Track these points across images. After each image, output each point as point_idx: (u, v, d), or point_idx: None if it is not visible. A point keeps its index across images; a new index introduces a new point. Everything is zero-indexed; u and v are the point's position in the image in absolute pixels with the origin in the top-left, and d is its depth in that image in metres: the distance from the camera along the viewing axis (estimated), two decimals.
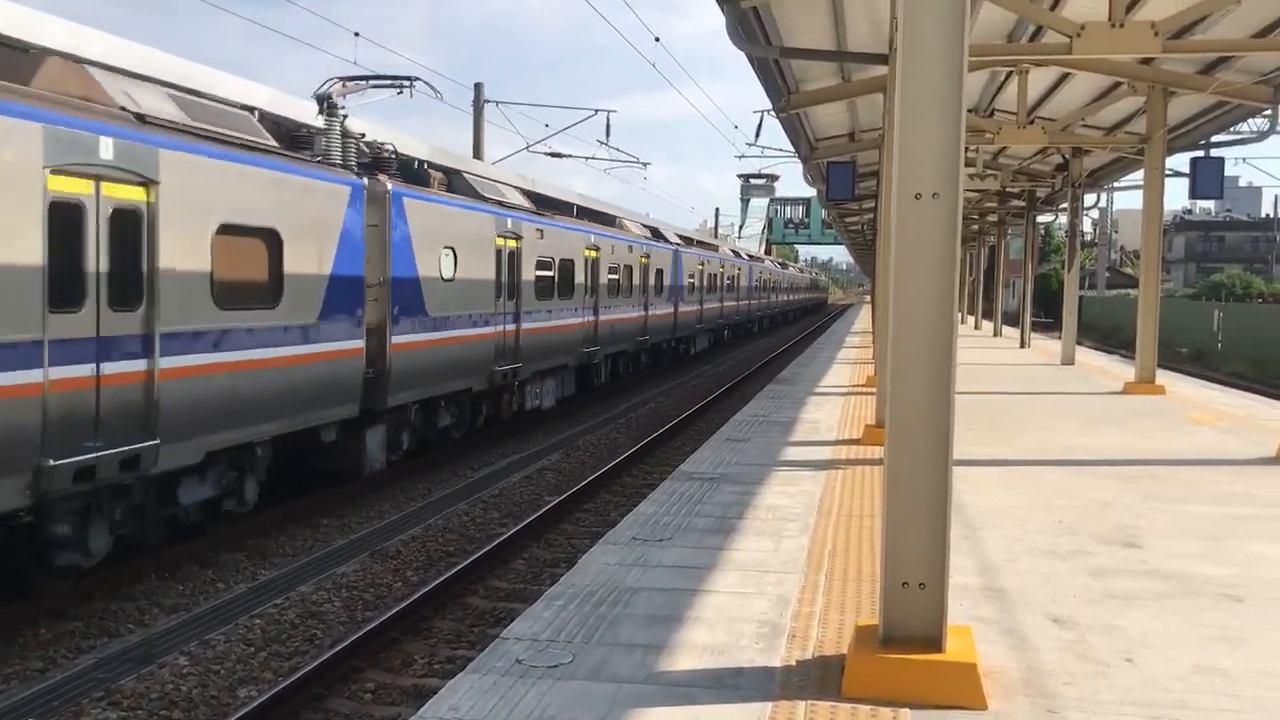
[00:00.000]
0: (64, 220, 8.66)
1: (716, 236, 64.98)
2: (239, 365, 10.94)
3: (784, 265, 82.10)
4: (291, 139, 13.47)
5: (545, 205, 22.38)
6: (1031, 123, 17.33)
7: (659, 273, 29.65)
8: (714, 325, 39.37)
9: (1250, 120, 19.22)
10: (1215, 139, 18.82)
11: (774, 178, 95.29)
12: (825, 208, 46.76)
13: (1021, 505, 8.37)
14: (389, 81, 16.01)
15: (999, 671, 4.77)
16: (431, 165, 17.15)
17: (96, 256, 9.02)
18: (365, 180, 13.61)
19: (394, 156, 15.26)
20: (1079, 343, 25.05)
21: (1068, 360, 23.19)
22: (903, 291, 4.57)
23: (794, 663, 4.84)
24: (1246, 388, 23.96)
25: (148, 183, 9.55)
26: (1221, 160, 16.75)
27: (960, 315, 43.83)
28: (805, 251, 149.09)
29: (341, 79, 15.27)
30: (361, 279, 13.34)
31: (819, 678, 4.66)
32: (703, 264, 36.43)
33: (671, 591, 5.89)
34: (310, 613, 9.35)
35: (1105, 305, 60.90)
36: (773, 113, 17.00)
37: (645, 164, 37.26)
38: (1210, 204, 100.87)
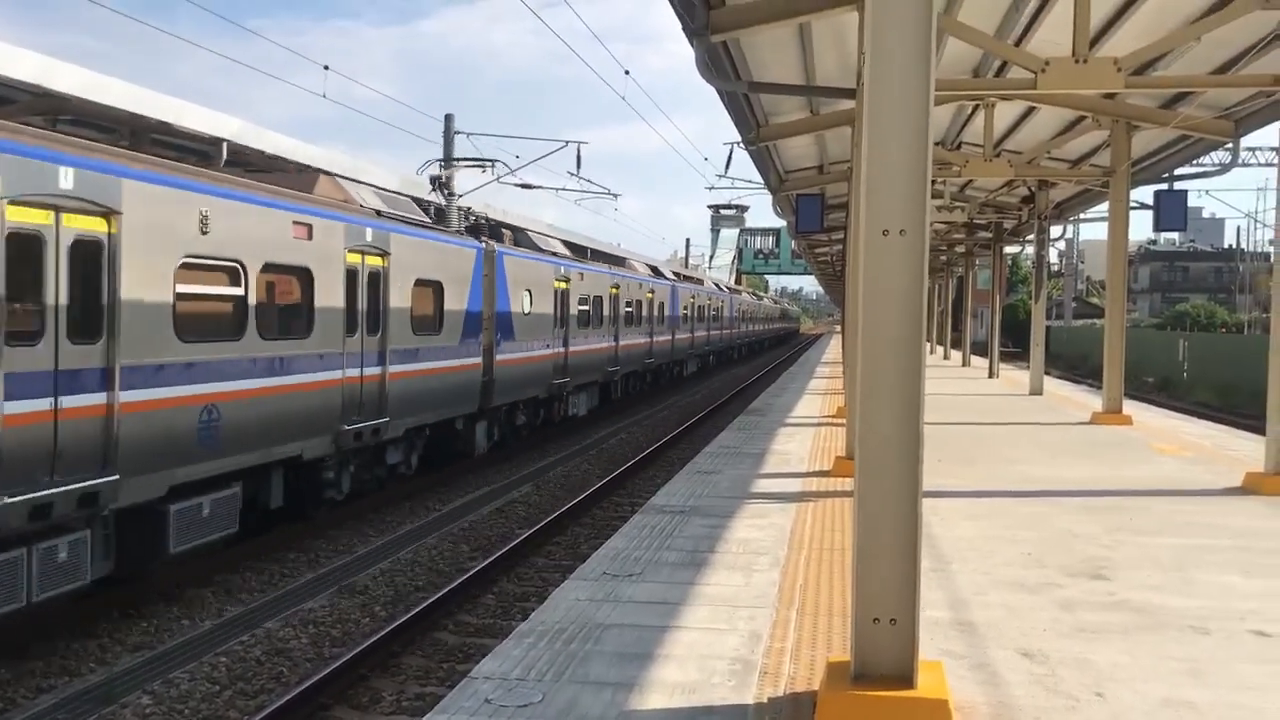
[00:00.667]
0: (352, 279, 13.39)
1: (687, 266, 65.54)
2: (425, 373, 15.58)
3: (759, 297, 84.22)
4: (436, 214, 18.99)
5: (574, 250, 27.23)
6: (998, 155, 17.54)
7: (660, 305, 34.00)
8: (702, 351, 43.88)
9: (1212, 153, 19.57)
10: (1178, 172, 19.12)
11: (744, 208, 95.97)
12: (795, 239, 47.09)
13: (990, 537, 8.40)
14: (474, 162, 22.26)
15: (970, 706, 4.76)
16: (504, 225, 22.31)
17: (359, 302, 13.58)
18: (483, 244, 18.58)
19: (485, 222, 20.88)
20: (1046, 372, 25.26)
21: (1036, 390, 23.36)
22: (871, 325, 4.59)
23: (766, 700, 4.82)
24: (1212, 417, 24.20)
25: (384, 254, 14.22)
26: (1184, 193, 17.05)
27: (929, 346, 44.17)
28: (775, 282, 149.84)
29: (439, 161, 21.88)
30: (481, 313, 18.02)
31: (791, 715, 4.63)
32: (693, 297, 40.80)
33: (642, 628, 5.85)
34: (277, 649, 9.23)
35: (1072, 335, 61.50)
36: (742, 145, 17.12)
37: (616, 195, 37.37)
38: (1174, 235, 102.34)
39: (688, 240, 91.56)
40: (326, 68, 19.68)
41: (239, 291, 11.19)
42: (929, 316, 44.49)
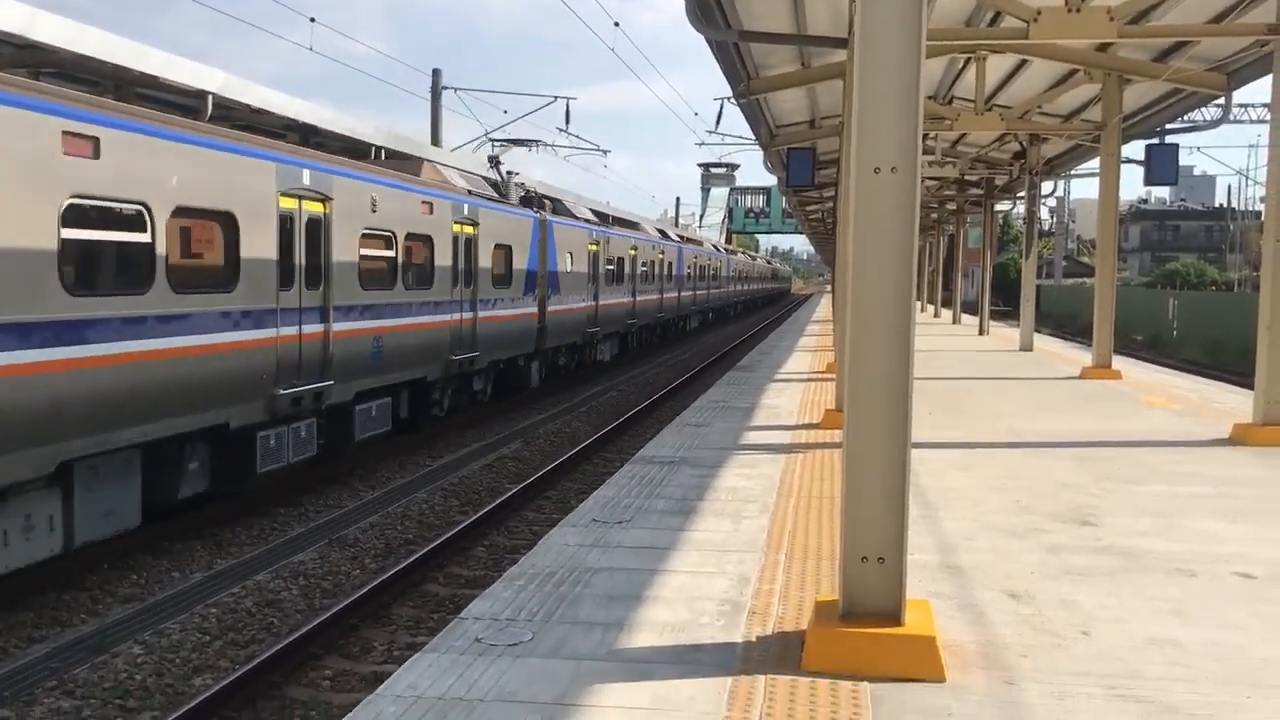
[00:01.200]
0: (456, 245, 17.20)
1: (678, 226, 65.69)
2: (501, 318, 19.38)
3: (752, 257, 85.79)
4: (495, 187, 21.71)
5: (599, 217, 30.08)
6: (990, 109, 17.45)
7: (669, 265, 37.12)
8: (703, 308, 47.91)
9: (1203, 109, 19.49)
10: (1169, 127, 19.05)
11: (734, 167, 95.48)
12: (785, 195, 47.07)
13: (979, 486, 8.43)
14: (518, 141, 26.39)
15: (957, 644, 4.79)
16: (545, 196, 24.73)
17: (459, 262, 17.39)
18: (537, 213, 22.14)
19: (533, 194, 23.60)
20: (1036, 330, 25.31)
21: (1026, 346, 23.41)
22: (862, 265, 4.57)
23: (754, 639, 4.84)
24: (1200, 373, 24.30)
25: (476, 224, 18.03)
26: (1175, 147, 16.96)
27: (920, 304, 44.21)
28: (765, 241, 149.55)
29: (492, 140, 27.06)
30: (536, 271, 21.62)
31: (779, 653, 4.66)
32: (696, 258, 44.26)
33: (632, 571, 5.87)
34: (267, 601, 9.25)
35: (1062, 294, 61.58)
36: (733, 99, 16.99)
37: (605, 151, 37.26)
38: (1165, 194, 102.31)
39: (678, 199, 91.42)
40: (313, 20, 19.47)
41: (392, 254, 14.83)
42: (920, 275, 44.71)
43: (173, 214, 9.99)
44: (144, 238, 9.62)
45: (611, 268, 28.24)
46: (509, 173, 22.84)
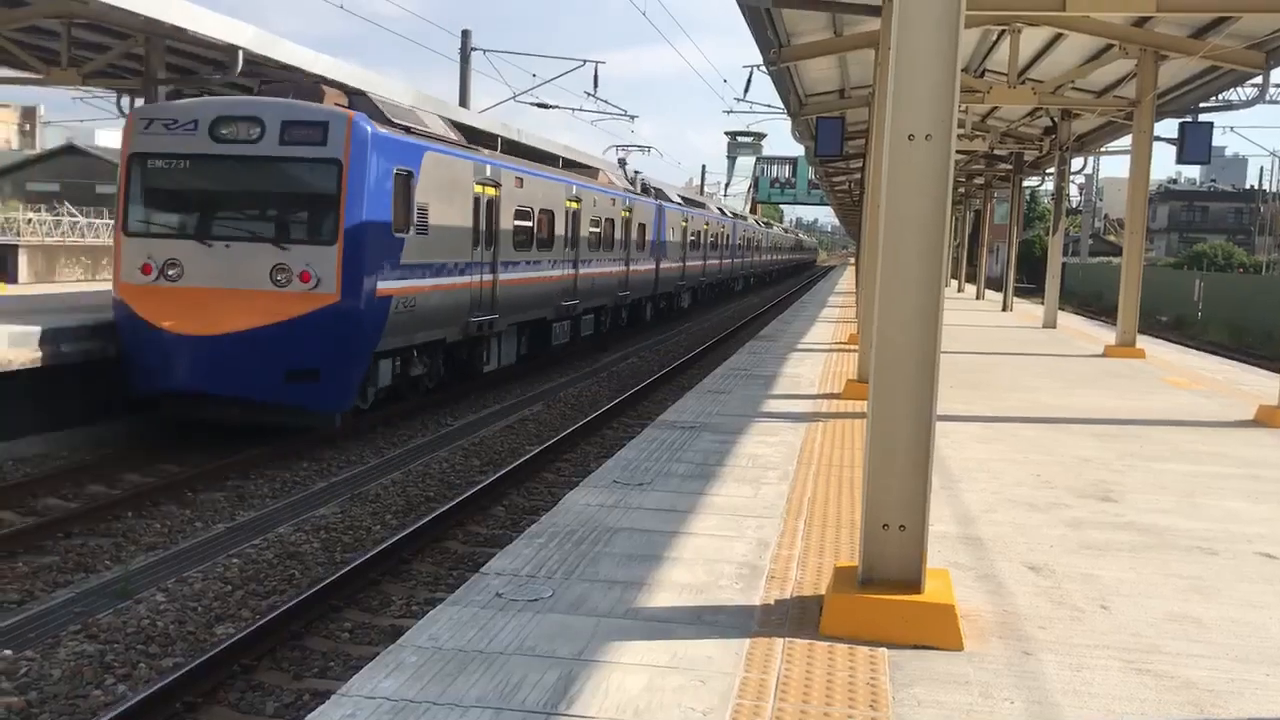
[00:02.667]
0: (619, 221, 26.52)
1: (703, 194, 66.08)
2: (639, 272, 28.40)
3: (784, 230, 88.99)
4: (632, 183, 30.96)
5: (686, 201, 38.81)
6: (1022, 83, 17.25)
7: (727, 237, 45.84)
8: (748, 273, 54.89)
9: (1238, 88, 19.22)
10: (1203, 105, 18.80)
11: (761, 136, 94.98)
12: (812, 165, 46.89)
13: (1000, 460, 8.42)
14: (637, 148, 36.96)
15: (975, 614, 4.81)
16: (654, 186, 33.47)
17: (620, 232, 26.28)
18: (658, 200, 31.10)
19: (650, 186, 32.24)
20: (1061, 307, 25.15)
21: (1049, 323, 23.28)
22: (892, 234, 4.54)
23: (772, 602, 4.87)
24: (1225, 355, 24.11)
25: (631, 209, 27.14)
26: (1210, 125, 16.76)
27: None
28: (790, 212, 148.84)
29: (618, 148, 37.51)
30: (654, 241, 30.27)
31: (797, 617, 4.68)
32: (745, 231, 51.32)
33: (651, 533, 5.90)
34: (289, 553, 9.34)
35: (1088, 272, 61.11)
36: (763, 67, 16.87)
37: (633, 116, 37.11)
38: (1195, 174, 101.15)
39: (703, 167, 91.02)
40: None
41: (530, 225, 19.48)
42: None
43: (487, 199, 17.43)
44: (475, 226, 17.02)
45: (692, 239, 36.83)
46: (635, 171, 33.56)
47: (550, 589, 4.91)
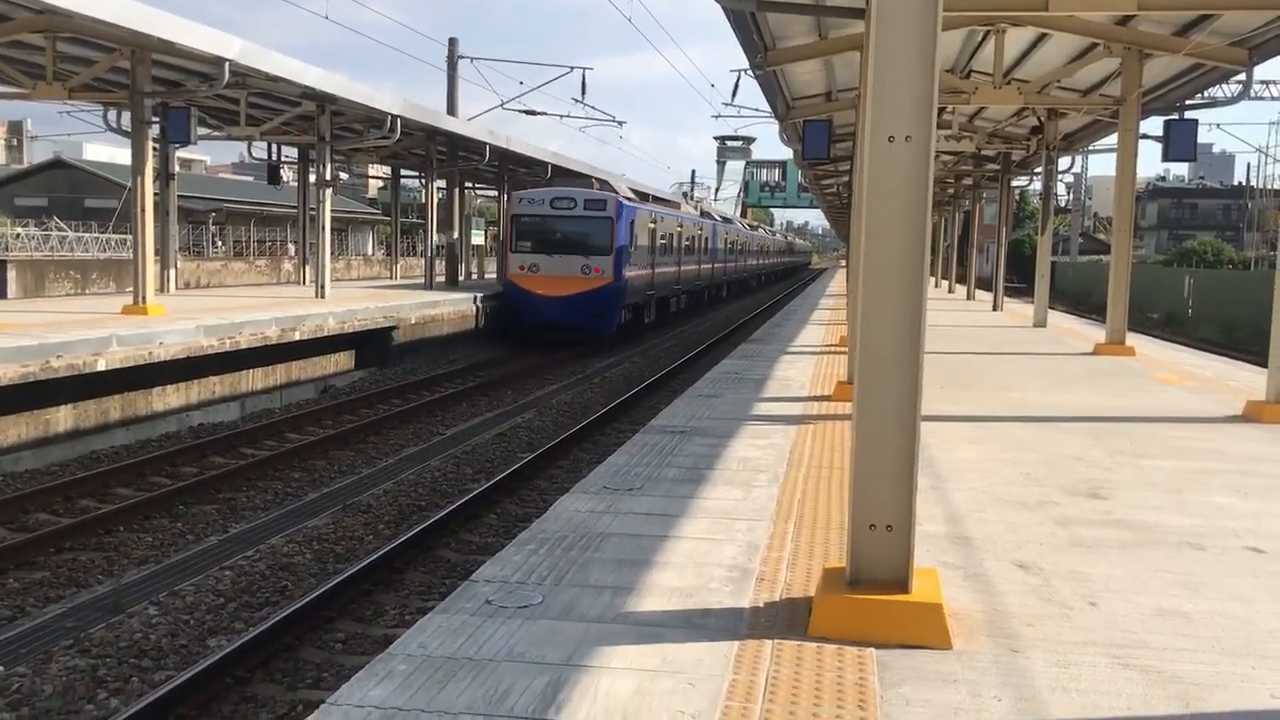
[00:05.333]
0: (700, 236, 42.27)
1: (692, 198, 67.37)
2: (700, 272, 41.67)
3: (774, 233, 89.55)
4: (697, 209, 46.07)
5: (723, 218, 53.58)
6: (1008, 83, 17.30)
7: (745, 243, 57.72)
8: (735, 278, 59.61)
9: (1223, 85, 19.29)
10: (1189, 103, 18.86)
11: (750, 140, 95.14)
12: (801, 168, 47.45)
13: (989, 459, 8.44)
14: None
15: (964, 613, 4.82)
16: (703, 207, 49.44)
17: (700, 243, 41.82)
18: (715, 221, 46.07)
19: (703, 209, 47.44)
20: (1051, 307, 25.20)
21: (1039, 323, 23.33)
22: (874, 234, 4.56)
23: (762, 604, 4.88)
24: (1215, 352, 24.18)
25: (702, 228, 41.85)
26: (1195, 122, 16.82)
27: (934, 280, 43.89)
28: (780, 215, 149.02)
29: (681, 185, 75.86)
30: (712, 249, 43.67)
31: (787, 618, 4.69)
32: (728, 234, 54.45)
33: (641, 537, 5.90)
34: (281, 564, 9.34)
35: (1077, 271, 61.25)
36: (749, 72, 16.88)
37: (621, 122, 37.31)
38: (1184, 172, 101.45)
39: (693, 172, 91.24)
40: None
41: (664, 242, 32.18)
42: (934, 251, 44.51)
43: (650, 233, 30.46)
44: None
45: (730, 246, 49.33)
46: (697, 199, 52.34)
47: (540, 595, 4.92)
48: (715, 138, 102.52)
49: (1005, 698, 3.96)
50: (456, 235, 32.01)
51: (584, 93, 34.84)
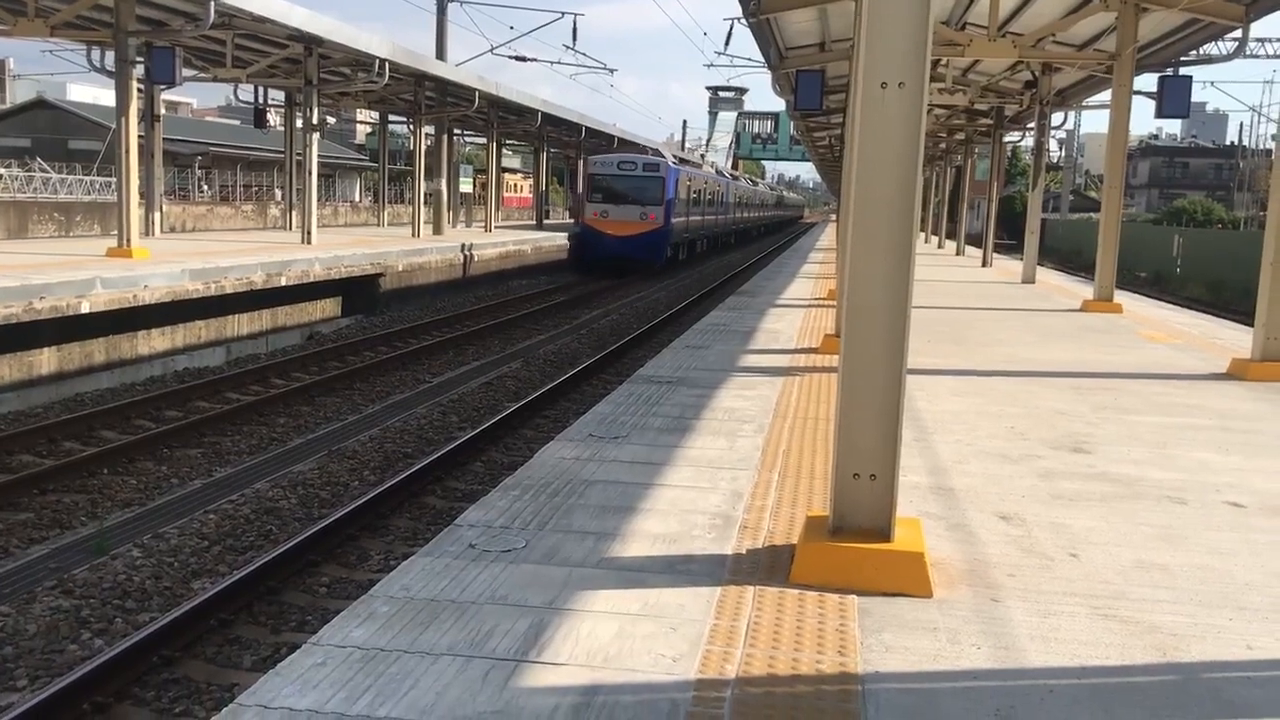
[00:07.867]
0: (723, 190, 53.58)
1: (684, 150, 69.00)
2: (721, 221, 52.93)
3: (772, 186, 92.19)
4: (716, 169, 58.51)
5: (732, 175, 64.73)
6: (1002, 36, 17.17)
7: (751, 196, 66.85)
8: (742, 228, 65.54)
9: (1219, 42, 19.17)
10: (1183, 59, 18.75)
11: (743, 90, 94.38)
12: (793, 119, 46.85)
13: (974, 412, 8.46)
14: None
15: (945, 562, 4.84)
16: (716, 167, 60.46)
17: (722, 197, 52.86)
18: (727, 179, 55.74)
19: (722, 170, 60.54)
20: (1040, 264, 25.18)
21: (1028, 279, 23.35)
22: (865, 181, 4.52)
23: (745, 551, 4.89)
24: (1203, 310, 24.24)
25: (724, 185, 53.32)
26: (1189, 79, 16.75)
27: (924, 235, 43.80)
28: (772, 168, 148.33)
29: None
30: (727, 202, 53.30)
31: (769, 565, 4.71)
32: (737, 190, 60.84)
33: (626, 485, 5.91)
34: (266, 509, 9.34)
35: (1067, 228, 61.23)
36: (743, 20, 16.68)
37: (612, 70, 37.02)
38: (1176, 130, 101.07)
39: (684, 122, 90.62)
40: None
41: (697, 195, 43.04)
42: (925, 206, 44.50)
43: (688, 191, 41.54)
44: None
45: (737, 199, 56.62)
46: (712, 163, 58.89)
47: (524, 540, 4.92)
48: (708, 88, 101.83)
49: (985, 646, 3.99)
50: (445, 182, 31.71)
51: (575, 39, 34.43)
